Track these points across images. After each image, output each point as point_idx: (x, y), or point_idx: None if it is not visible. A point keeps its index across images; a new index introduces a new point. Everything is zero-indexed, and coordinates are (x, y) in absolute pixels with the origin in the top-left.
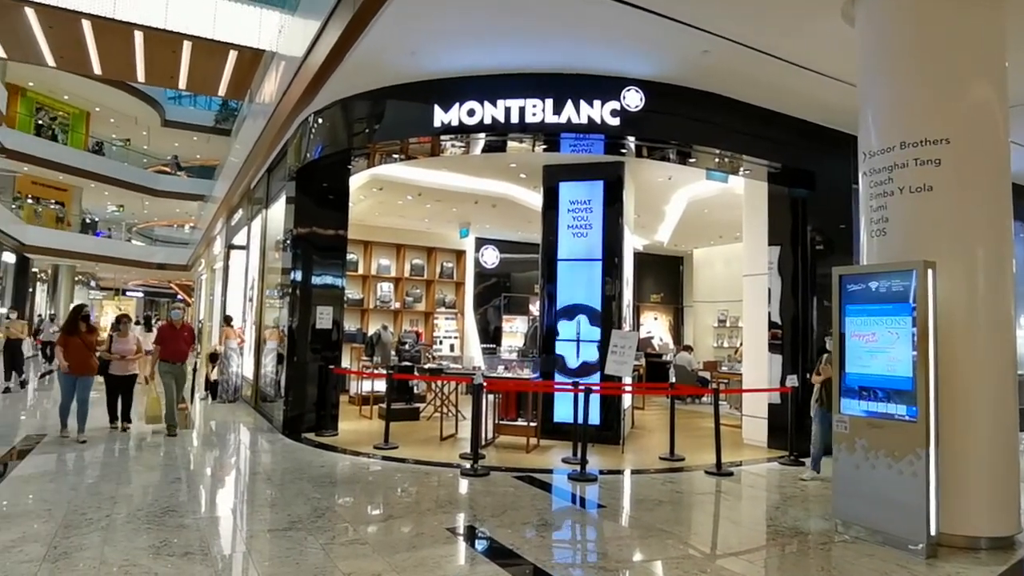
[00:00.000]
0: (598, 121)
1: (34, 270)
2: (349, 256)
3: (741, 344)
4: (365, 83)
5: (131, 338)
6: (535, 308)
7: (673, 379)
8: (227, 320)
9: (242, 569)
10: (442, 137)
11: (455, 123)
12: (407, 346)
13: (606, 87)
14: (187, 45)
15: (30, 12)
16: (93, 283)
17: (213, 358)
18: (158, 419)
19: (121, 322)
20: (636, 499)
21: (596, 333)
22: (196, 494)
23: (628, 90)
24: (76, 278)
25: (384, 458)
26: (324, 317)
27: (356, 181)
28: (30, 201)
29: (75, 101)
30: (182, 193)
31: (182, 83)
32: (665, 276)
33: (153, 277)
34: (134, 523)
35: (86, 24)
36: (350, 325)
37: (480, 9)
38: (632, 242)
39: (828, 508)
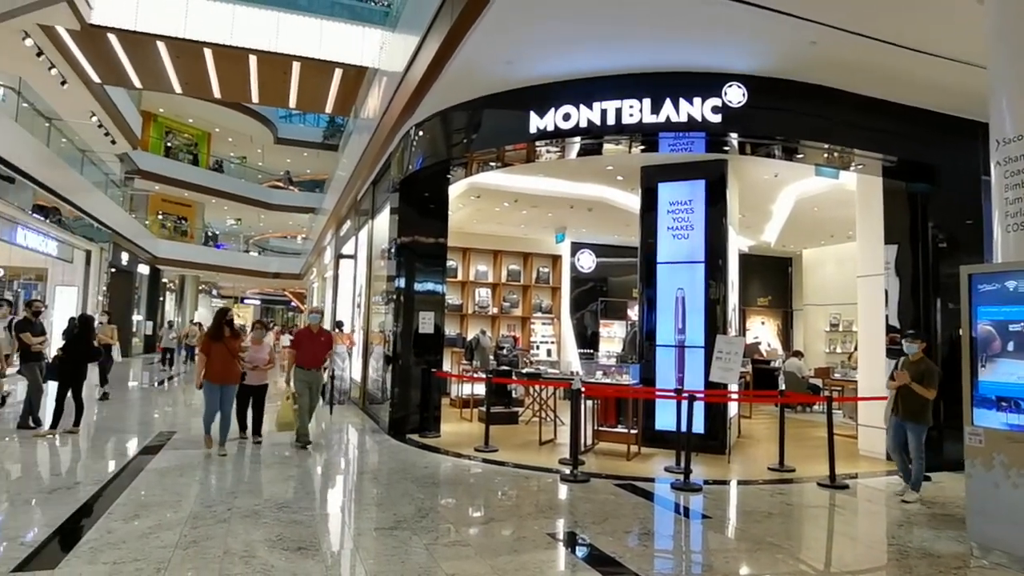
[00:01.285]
0: (698, 119)
1: (164, 280)
2: (448, 263)
3: (855, 349)
4: (462, 94)
5: (264, 346)
6: (634, 313)
7: (782, 386)
8: (338, 325)
9: (350, 566)
10: (537, 143)
11: (550, 128)
12: (505, 351)
13: (706, 84)
14: (296, 66)
15: (161, 45)
16: (215, 292)
17: None
18: (291, 426)
19: (254, 329)
20: (743, 510)
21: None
22: (308, 491)
23: (730, 86)
24: (200, 287)
25: (484, 460)
26: (426, 322)
27: (455, 190)
28: (159, 216)
29: (198, 123)
30: (294, 206)
31: (292, 102)
32: (772, 278)
33: (269, 286)
34: (252, 517)
35: (207, 52)
36: (450, 330)
37: (577, 15)
38: (737, 243)
39: (959, 528)
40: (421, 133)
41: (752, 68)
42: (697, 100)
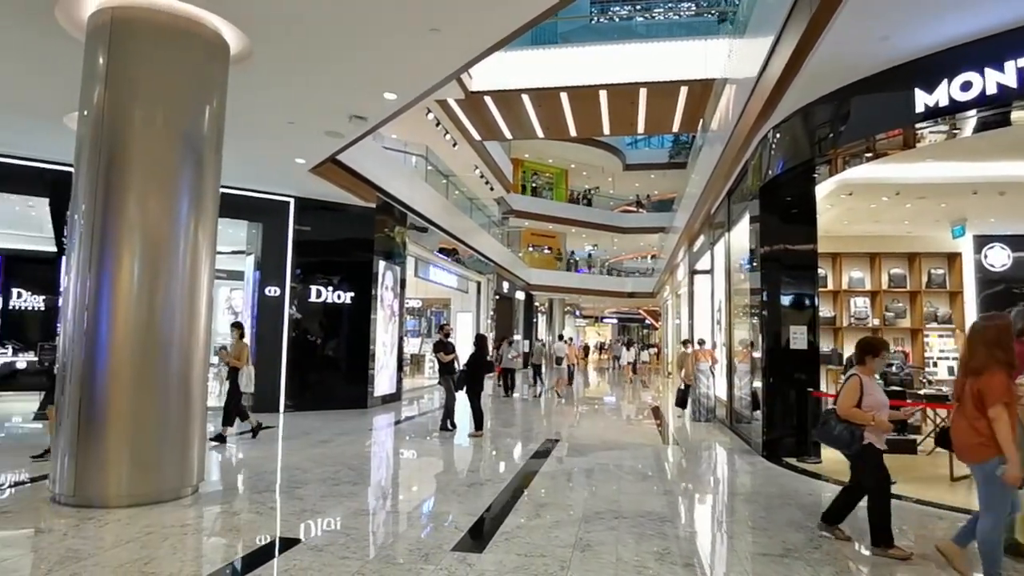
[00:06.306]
0: None
1: (536, 304)
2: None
3: None
4: (826, 85)
5: (874, 380)
6: None
7: None
8: (699, 342)
9: None
10: (918, 125)
11: (944, 103)
12: (894, 368)
13: None
14: (643, 92)
15: (525, 97)
16: (577, 312)
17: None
18: None
19: (875, 352)
20: None
21: None
22: (690, 508)
23: None
24: (565, 309)
25: None
26: (798, 337)
27: (822, 190)
28: (530, 249)
29: (557, 163)
30: (644, 228)
31: (640, 128)
32: None
33: (624, 305)
34: (638, 527)
35: (563, 96)
36: (823, 345)
37: None
38: None
39: None
40: (779, 135)
41: None
42: None
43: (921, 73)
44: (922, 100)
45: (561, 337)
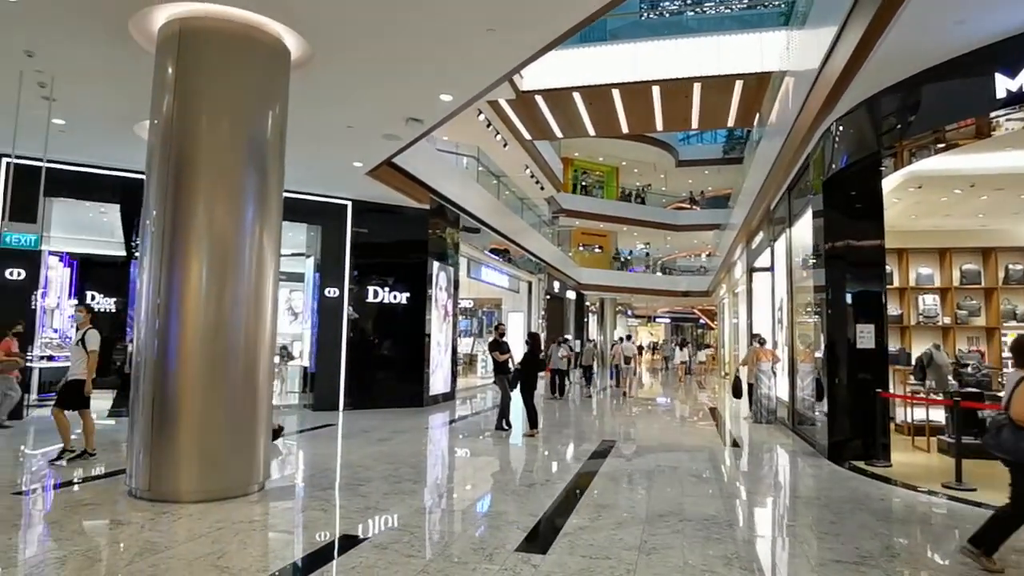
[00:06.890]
0: None
1: (587, 304)
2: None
3: None
4: (894, 74)
5: None
6: None
7: None
8: (760, 341)
9: None
10: (996, 113)
11: None
12: (970, 369)
13: None
14: (697, 87)
15: (576, 95)
16: (629, 312)
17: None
18: None
19: None
20: None
21: None
22: (756, 511)
23: None
24: (617, 309)
25: (954, 499)
26: (865, 336)
27: (888, 183)
28: (580, 248)
29: (607, 161)
30: (699, 225)
31: (694, 123)
32: None
33: (678, 304)
34: (703, 531)
35: (615, 92)
36: (890, 344)
37: None
38: None
39: None
40: (843, 128)
41: None
42: None
43: (1002, 56)
44: (1004, 85)
45: (629, 337)
